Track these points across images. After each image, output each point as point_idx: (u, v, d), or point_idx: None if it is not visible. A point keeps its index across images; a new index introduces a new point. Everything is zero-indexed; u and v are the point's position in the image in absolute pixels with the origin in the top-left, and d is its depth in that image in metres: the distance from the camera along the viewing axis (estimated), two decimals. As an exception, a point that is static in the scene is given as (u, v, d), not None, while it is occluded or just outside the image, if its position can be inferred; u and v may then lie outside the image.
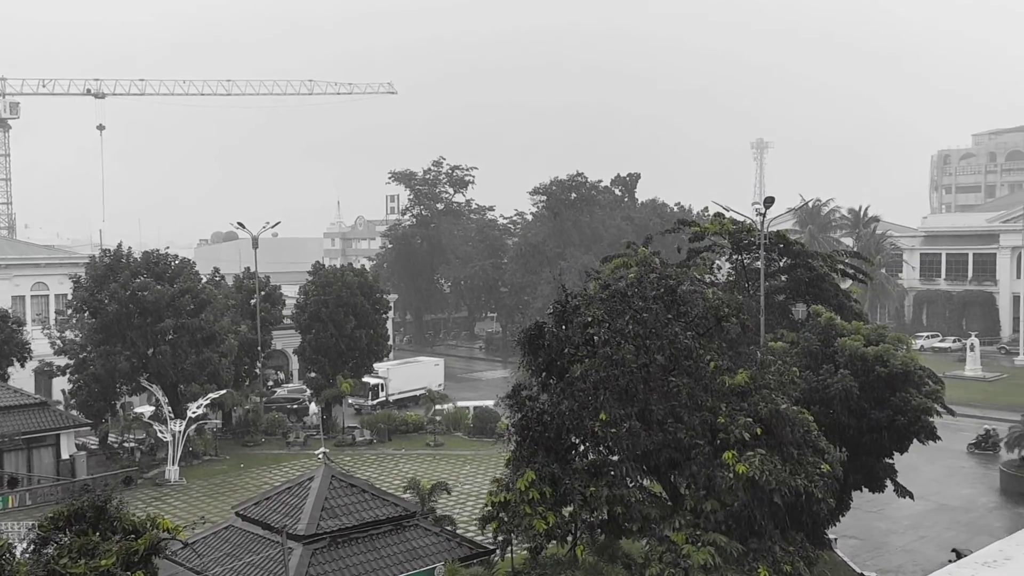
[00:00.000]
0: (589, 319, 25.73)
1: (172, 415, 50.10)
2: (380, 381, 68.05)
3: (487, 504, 25.99)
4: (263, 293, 63.63)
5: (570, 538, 25.58)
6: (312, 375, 61.97)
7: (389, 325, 74.59)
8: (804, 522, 25.42)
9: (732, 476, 23.38)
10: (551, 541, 25.11)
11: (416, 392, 69.08)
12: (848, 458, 26.36)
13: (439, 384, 70.84)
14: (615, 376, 24.54)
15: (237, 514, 28.39)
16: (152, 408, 55.63)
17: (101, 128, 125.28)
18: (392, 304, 77.71)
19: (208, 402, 51.74)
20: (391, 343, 71.40)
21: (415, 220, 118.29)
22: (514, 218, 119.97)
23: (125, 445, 54.32)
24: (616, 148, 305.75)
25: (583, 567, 25.57)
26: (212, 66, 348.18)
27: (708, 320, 26.74)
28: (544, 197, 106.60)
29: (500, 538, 25.90)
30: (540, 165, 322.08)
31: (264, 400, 62.47)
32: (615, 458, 25.74)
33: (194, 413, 50.31)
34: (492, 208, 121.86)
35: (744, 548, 23.74)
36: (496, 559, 27.87)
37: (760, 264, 34.29)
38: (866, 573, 33.45)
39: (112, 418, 56.09)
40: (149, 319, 51.38)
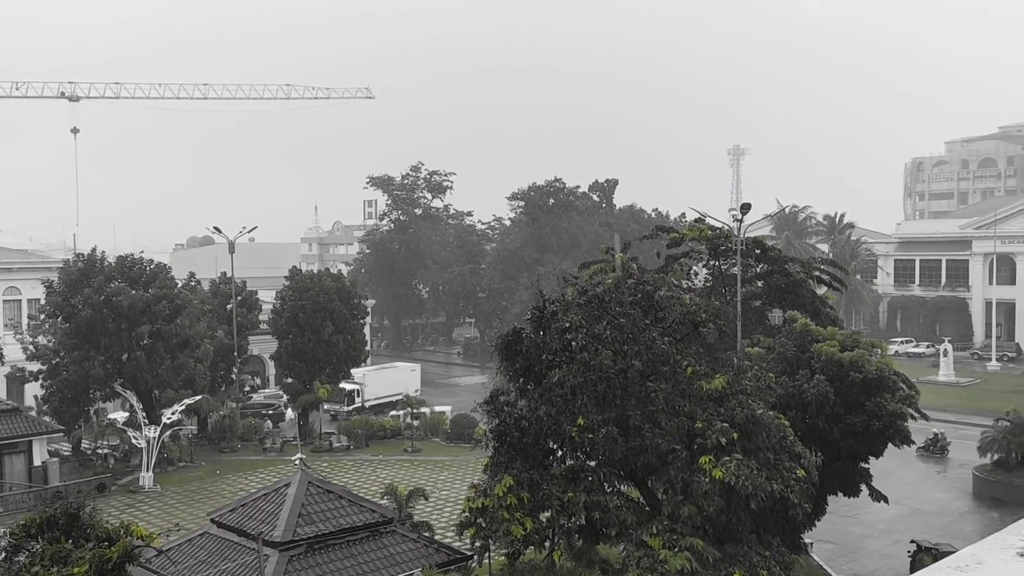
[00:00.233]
0: (567, 325, 25.76)
1: (146, 421, 49.61)
2: (356, 387, 67.80)
3: (464, 510, 25.92)
4: (239, 298, 63.23)
5: (548, 544, 25.56)
6: (289, 381, 61.64)
7: (367, 330, 74.37)
8: (780, 527, 25.57)
9: (708, 481, 23.48)
10: (529, 547, 25.07)
11: (392, 398, 68.84)
12: (824, 463, 26.51)
13: (416, 390, 70.65)
14: (593, 382, 24.58)
15: (212, 521, 28.14)
16: (126, 414, 55.06)
17: (75, 131, 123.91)
18: (370, 309, 77.40)
19: (183, 408, 51.29)
20: (369, 348, 71.13)
21: (393, 225, 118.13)
22: (492, 223, 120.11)
23: (98, 451, 53.69)
24: (598, 151, 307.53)
25: (561, 572, 25.58)
26: (200, 65, 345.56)
27: (685, 326, 26.85)
28: (522, 203, 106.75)
29: (478, 544, 25.82)
30: (522, 168, 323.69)
31: (240, 406, 62.05)
32: (593, 464, 25.79)
33: (169, 419, 49.84)
34: (470, 213, 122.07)
35: (721, 553, 23.84)
36: (474, 565, 27.80)
37: (737, 270, 34.52)
38: (841, 577, 33.69)
39: (85, 424, 55.44)
40: (124, 324, 50.89)
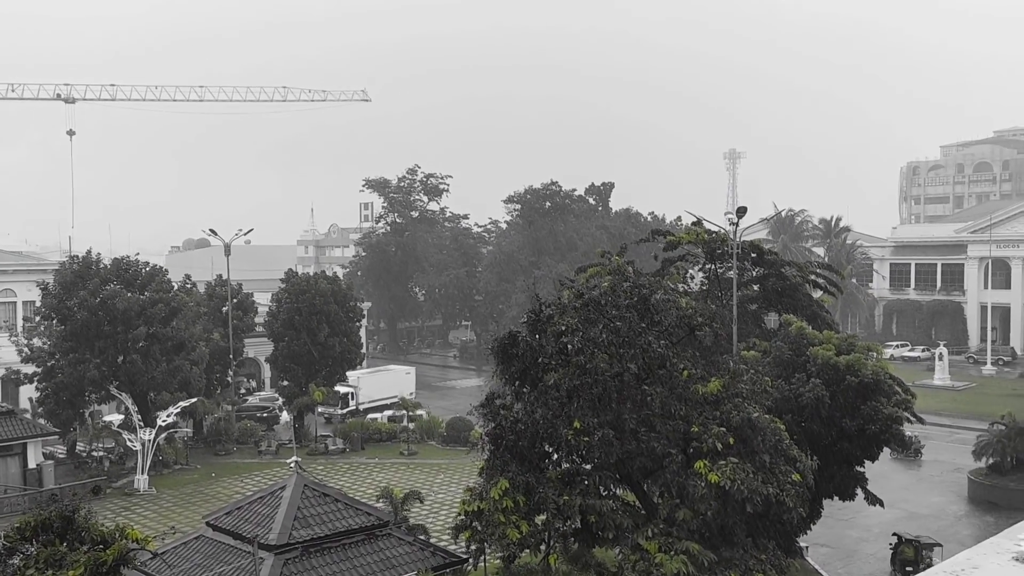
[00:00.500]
0: (563, 328, 25.77)
1: (142, 424, 49.50)
2: (351, 390, 67.71)
3: (460, 513, 25.92)
4: (235, 301, 63.13)
5: (543, 547, 25.56)
6: (285, 383, 61.55)
7: (363, 333, 74.29)
8: (776, 530, 25.59)
9: (704, 485, 23.50)
10: (524, 550, 25.07)
11: (387, 401, 68.80)
12: (819, 467, 26.56)
13: (411, 392, 70.57)
14: (588, 385, 24.59)
15: (208, 524, 28.07)
16: (121, 416, 54.96)
17: (71, 133, 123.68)
18: (366, 312, 77.47)
19: (179, 410, 51.17)
20: (365, 351, 71.14)
21: (389, 228, 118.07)
22: (488, 226, 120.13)
23: (94, 454, 53.53)
24: (599, 150, 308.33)
25: (556, 576, 25.57)
26: (193, 63, 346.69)
27: (681, 329, 26.88)
28: (519, 206, 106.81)
29: (473, 547, 25.81)
30: (521, 166, 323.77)
31: (235, 409, 61.94)
32: (588, 467, 25.79)
33: (164, 422, 49.73)
34: (467, 216, 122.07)
35: (716, 556, 23.85)
36: (469, 568, 27.79)
37: (733, 274, 34.56)
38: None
39: (80, 427, 55.29)
40: (119, 327, 50.79)
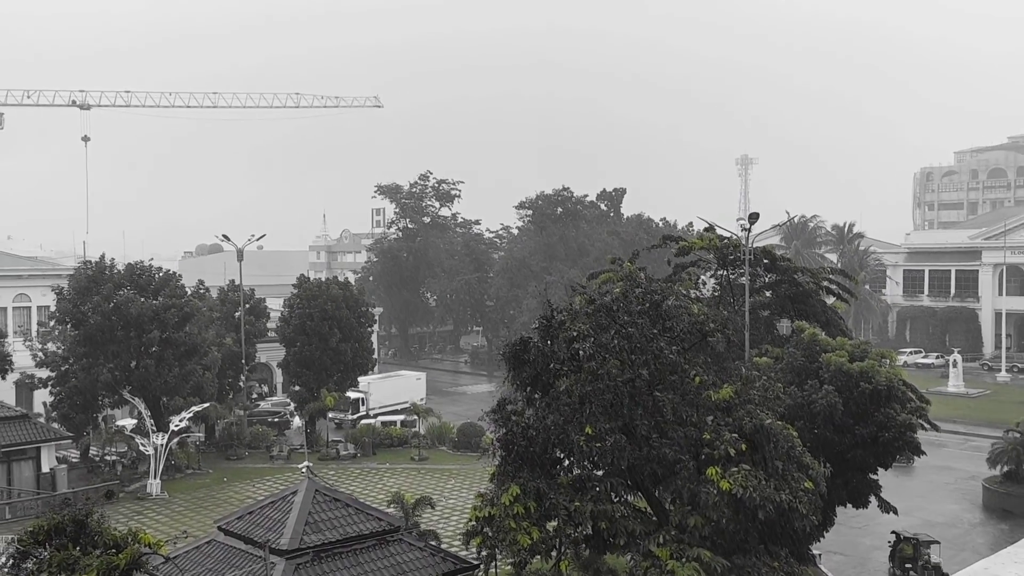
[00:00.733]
0: (574, 334, 25.72)
1: (154, 428, 49.71)
2: (361, 395, 67.73)
3: (471, 519, 25.88)
4: (247, 306, 63.37)
5: (554, 553, 25.49)
6: (296, 388, 61.69)
7: (374, 338, 74.40)
8: (789, 538, 25.43)
9: (716, 492, 23.38)
10: (535, 556, 25.00)
11: (398, 406, 68.87)
12: (832, 474, 26.40)
13: (421, 398, 70.57)
14: (600, 391, 24.53)
15: (220, 528, 28.12)
16: (134, 421, 55.19)
17: (86, 140, 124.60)
18: (377, 317, 77.57)
19: (191, 415, 51.39)
20: (376, 356, 71.19)
21: (401, 233, 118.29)
22: (500, 232, 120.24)
23: (106, 458, 53.80)
24: (613, 152, 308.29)
25: (568, 582, 25.49)
26: (190, 61, 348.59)
27: (693, 335, 26.78)
28: (530, 211, 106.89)
29: (484, 553, 25.77)
30: (532, 168, 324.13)
31: (247, 413, 62.13)
32: (600, 473, 25.72)
33: (177, 426, 49.96)
34: (478, 222, 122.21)
35: (729, 564, 23.72)
36: (480, 574, 27.75)
37: (745, 280, 34.44)
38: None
39: (94, 431, 55.58)
40: (132, 332, 51.04)
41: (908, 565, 35.07)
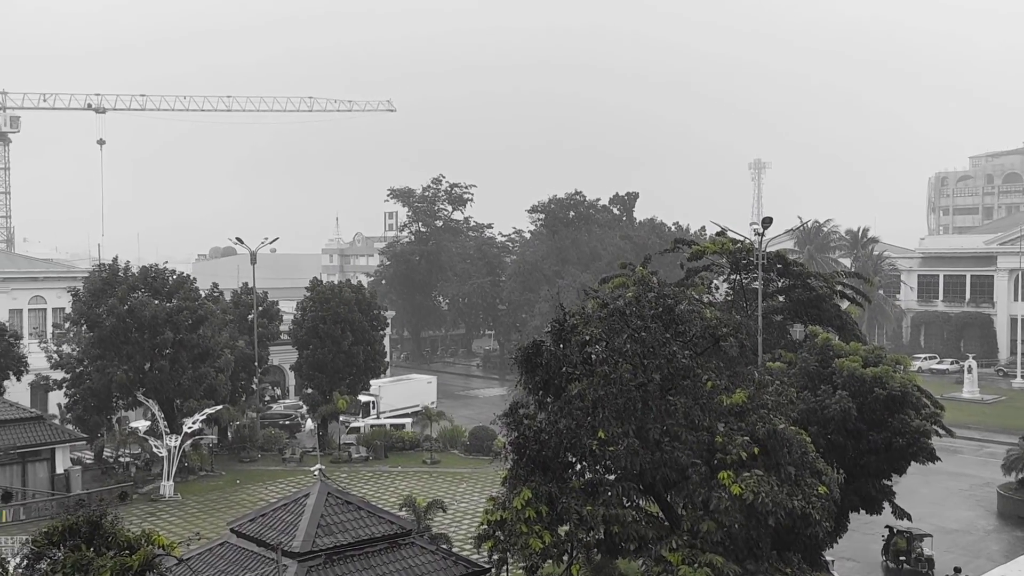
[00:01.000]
0: (587, 338, 25.71)
1: (168, 430, 49.94)
2: (372, 399, 67.77)
3: (483, 522, 25.86)
4: (261, 308, 63.60)
5: (566, 557, 25.45)
6: (309, 391, 61.85)
7: (386, 342, 74.50)
8: (801, 543, 25.31)
9: (727, 497, 23.30)
10: (547, 560, 24.97)
11: (408, 410, 68.92)
12: (846, 480, 26.28)
13: (432, 402, 70.59)
14: (613, 395, 24.49)
15: (232, 530, 28.21)
16: (148, 423, 55.44)
17: (101, 143, 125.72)
18: (389, 321, 77.65)
19: (204, 417, 51.60)
20: (388, 360, 71.28)
21: (413, 237, 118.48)
22: (512, 236, 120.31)
23: (120, 460, 54.09)
24: (627, 150, 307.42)
25: (579, 587, 25.43)
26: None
27: (706, 339, 26.72)
28: (542, 215, 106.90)
29: (496, 557, 25.74)
30: (545, 168, 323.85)
31: (259, 416, 62.33)
32: (612, 477, 25.68)
33: (190, 428, 50.16)
34: (491, 225, 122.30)
35: (741, 569, 23.63)
36: (492, 578, 27.73)
37: (758, 284, 34.34)
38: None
39: (108, 432, 55.88)
40: (146, 334, 51.31)
41: (902, 558, 36.79)
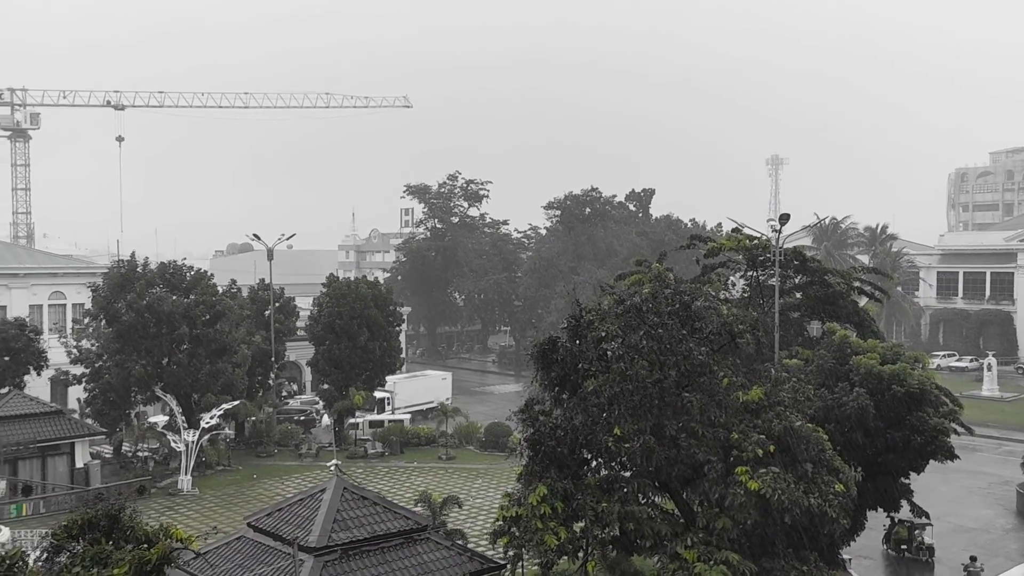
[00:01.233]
0: (603, 334, 25.67)
1: (186, 425, 50.28)
2: (387, 395, 67.91)
3: (498, 518, 25.90)
4: (277, 304, 63.87)
5: (581, 554, 25.45)
6: (325, 387, 62.09)
7: (402, 338, 74.67)
8: (818, 542, 25.19)
9: (743, 493, 23.22)
10: (562, 557, 24.97)
11: (423, 406, 68.93)
12: (863, 478, 26.12)
13: (447, 398, 70.68)
14: (629, 391, 24.44)
15: (249, 525, 28.37)
16: (166, 418, 55.84)
17: (120, 140, 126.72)
18: (405, 317, 77.75)
19: (221, 412, 51.89)
20: (404, 356, 71.44)
21: (429, 233, 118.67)
22: (528, 232, 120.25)
23: (139, 454, 54.55)
24: (644, 151, 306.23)
25: (594, 583, 25.43)
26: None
27: (722, 336, 26.62)
28: (558, 211, 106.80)
29: (511, 553, 25.79)
30: (559, 167, 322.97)
31: (276, 411, 62.62)
32: (627, 474, 25.64)
33: (207, 423, 50.46)
34: (506, 222, 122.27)
35: (757, 567, 23.55)
36: (507, 574, 27.76)
37: (775, 281, 34.18)
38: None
39: (126, 427, 56.33)
40: (164, 329, 51.66)
41: (903, 546, 37.52)
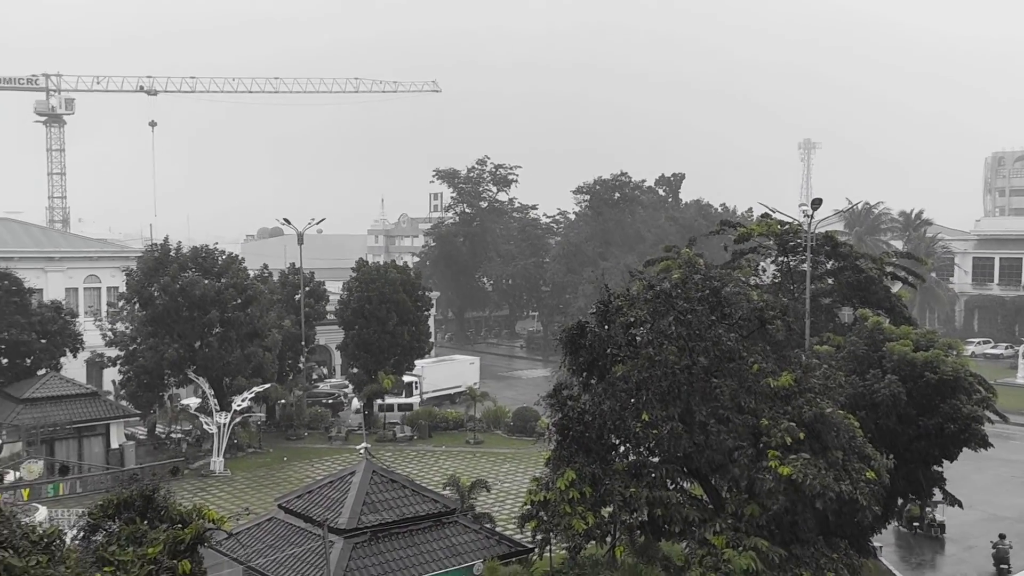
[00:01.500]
0: (632, 319, 25.63)
1: (218, 407, 50.89)
2: (414, 379, 68.18)
3: (526, 503, 26.01)
4: (307, 289, 64.34)
5: (609, 539, 25.53)
6: (354, 371, 62.51)
7: (431, 322, 74.91)
8: (849, 529, 25.05)
9: (773, 479, 23.10)
10: (590, 541, 25.05)
11: (451, 391, 69.13)
12: (895, 465, 25.89)
13: (475, 382, 70.81)
14: (657, 377, 24.40)
15: (280, 506, 28.75)
16: (198, 400, 56.53)
17: (153, 125, 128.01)
18: (434, 301, 77.97)
19: (253, 395, 52.43)
20: (433, 340, 71.68)
21: (458, 218, 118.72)
22: (557, 217, 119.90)
23: (172, 436, 55.30)
24: (664, 154, 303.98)
25: (622, 568, 25.51)
26: (246, 45, 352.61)
27: (752, 322, 26.46)
28: (587, 196, 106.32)
29: (539, 537, 25.91)
30: (583, 164, 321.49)
31: (306, 394, 63.16)
32: (656, 460, 25.61)
33: (239, 406, 51.02)
34: (535, 207, 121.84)
35: (787, 553, 23.47)
36: (534, 558, 27.88)
37: (806, 266, 33.86)
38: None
39: (160, 409, 57.11)
40: (197, 312, 52.25)
41: (915, 524, 38.05)
